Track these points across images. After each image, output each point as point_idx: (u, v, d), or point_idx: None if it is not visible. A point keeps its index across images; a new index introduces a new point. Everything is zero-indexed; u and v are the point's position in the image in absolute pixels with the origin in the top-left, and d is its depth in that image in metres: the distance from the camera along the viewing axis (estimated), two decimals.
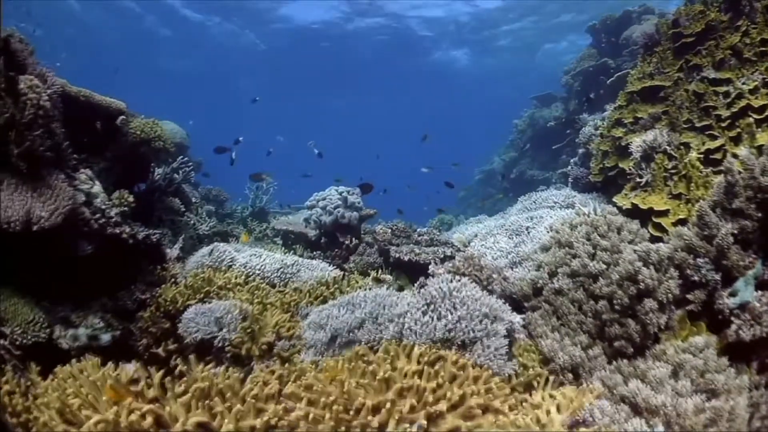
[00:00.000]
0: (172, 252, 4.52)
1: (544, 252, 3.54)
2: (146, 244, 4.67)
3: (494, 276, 3.05)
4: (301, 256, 4.79)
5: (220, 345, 2.94)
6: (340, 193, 4.78)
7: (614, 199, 4.32)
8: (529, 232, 3.89)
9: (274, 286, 3.56)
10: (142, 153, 4.84)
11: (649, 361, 3.18)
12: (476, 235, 4.28)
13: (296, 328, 2.81)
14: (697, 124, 4.76)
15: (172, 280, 4.25)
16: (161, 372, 2.19)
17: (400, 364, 2.13)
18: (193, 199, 7.30)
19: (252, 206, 8.68)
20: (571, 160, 7.98)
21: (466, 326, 2.33)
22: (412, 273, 4.36)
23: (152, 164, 5.83)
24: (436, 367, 2.15)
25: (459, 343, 2.32)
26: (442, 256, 4.27)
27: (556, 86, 12.08)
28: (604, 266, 3.30)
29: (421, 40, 23.89)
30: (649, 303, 3.14)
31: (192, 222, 5.88)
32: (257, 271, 3.68)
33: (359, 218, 4.75)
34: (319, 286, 3.33)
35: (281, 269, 3.61)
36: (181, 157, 6.32)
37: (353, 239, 4.49)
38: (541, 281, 3.26)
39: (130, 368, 2.99)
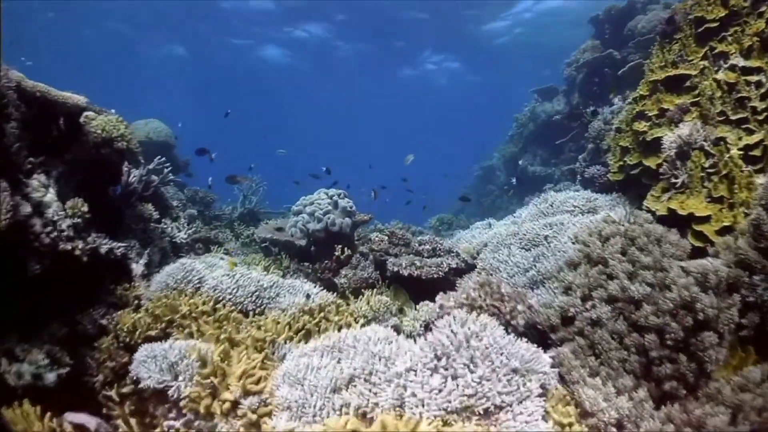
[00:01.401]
0: (137, 268, 3.83)
1: (571, 270, 2.86)
2: (109, 259, 4.02)
3: (519, 308, 2.39)
4: (287, 267, 4.12)
5: (175, 397, 2.27)
6: (330, 197, 4.10)
7: (646, 204, 3.64)
8: (549, 243, 3.22)
9: (247, 313, 2.88)
10: (105, 155, 4.15)
11: (706, 406, 2.54)
12: (486, 245, 3.61)
13: (269, 379, 2.13)
14: (732, 117, 4.11)
15: (135, 302, 3.59)
16: None
17: None
18: (175, 203, 6.61)
19: (242, 207, 7.99)
20: (579, 157, 7.33)
21: (491, 390, 1.66)
22: (413, 289, 3.70)
23: (126, 166, 5.15)
24: None
25: (481, 412, 1.65)
26: (446, 269, 3.60)
27: (557, 79, 11.42)
28: (648, 289, 2.63)
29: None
30: (709, 337, 2.48)
31: (169, 229, 5.18)
32: (228, 296, 3.00)
33: (352, 224, 4.08)
34: (302, 314, 2.65)
35: (257, 293, 2.94)
36: (159, 157, 5.63)
37: (345, 249, 3.83)
38: (572, 309, 2.58)
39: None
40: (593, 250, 2.82)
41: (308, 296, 2.77)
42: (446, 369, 1.70)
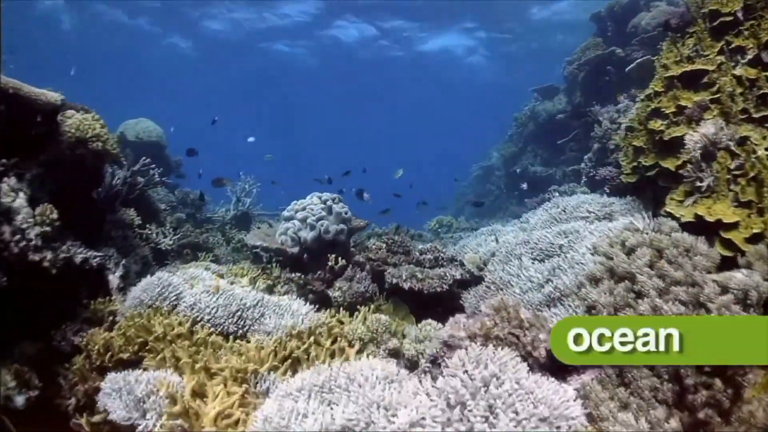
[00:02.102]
0: (113, 280, 3.49)
1: (593, 285, 2.53)
2: (85, 270, 3.68)
3: (541, 337, 2.05)
4: (277, 278, 3.77)
5: None
6: (324, 201, 3.75)
7: (668, 209, 3.31)
8: (565, 254, 2.89)
9: (228, 336, 2.54)
10: (80, 156, 3.80)
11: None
12: (493, 254, 3.28)
13: (248, 421, 1.79)
14: (755, 115, 3.79)
15: (111, 318, 3.25)
16: None
17: None
18: (163, 206, 6.26)
19: (235, 209, 7.63)
20: (585, 157, 7.00)
21: None
22: (413, 301, 3.36)
23: (110, 167, 4.81)
24: None
25: None
26: (450, 281, 3.26)
27: (557, 78, 11.10)
28: (682, 308, 2.30)
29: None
30: None
31: (154, 235, 4.84)
32: (207, 316, 2.65)
33: (347, 231, 3.73)
34: (289, 339, 2.31)
35: (239, 313, 2.60)
36: (144, 158, 5.28)
37: (339, 259, 3.48)
38: None
39: None
40: (617, 264, 2.49)
41: (294, 326, 2.43)
42: (461, 421, 1.36)
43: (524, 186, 6.57)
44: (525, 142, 11.31)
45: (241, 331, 2.55)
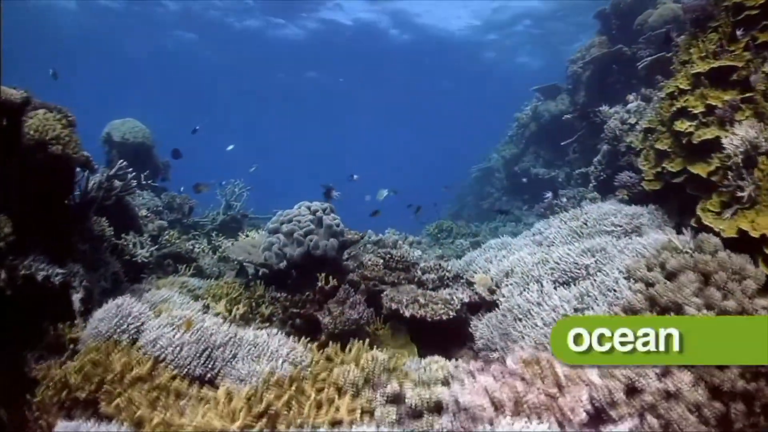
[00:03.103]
0: (76, 302, 3.05)
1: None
2: (48, 289, 3.26)
3: (583, 398, 1.61)
4: (261, 297, 3.35)
5: None
6: (313, 212, 3.30)
7: (706, 222, 2.88)
8: (592, 277, 2.47)
9: (194, 380, 2.11)
10: (40, 160, 3.36)
11: None
12: (507, 275, 2.85)
13: None
14: None
15: (72, 346, 2.82)
16: None
17: None
18: (144, 212, 5.81)
19: (224, 214, 7.19)
20: (594, 160, 6.57)
21: None
22: (416, 328, 2.94)
23: (82, 172, 4.36)
24: None
25: None
26: (458, 305, 2.84)
27: (560, 77, 10.68)
28: None
29: None
30: None
31: (130, 246, 4.40)
32: (170, 356, 2.22)
33: (339, 246, 3.29)
34: (266, 389, 1.89)
35: (207, 352, 2.16)
36: (120, 161, 4.83)
37: (329, 278, 3.05)
38: (641, 380, 1.83)
39: None
40: (660, 293, 2.08)
41: (272, 372, 1.99)
42: None
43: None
44: (526, 143, 10.90)
45: (210, 374, 2.12)
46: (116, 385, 2.12)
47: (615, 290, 2.27)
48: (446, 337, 2.83)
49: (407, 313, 2.72)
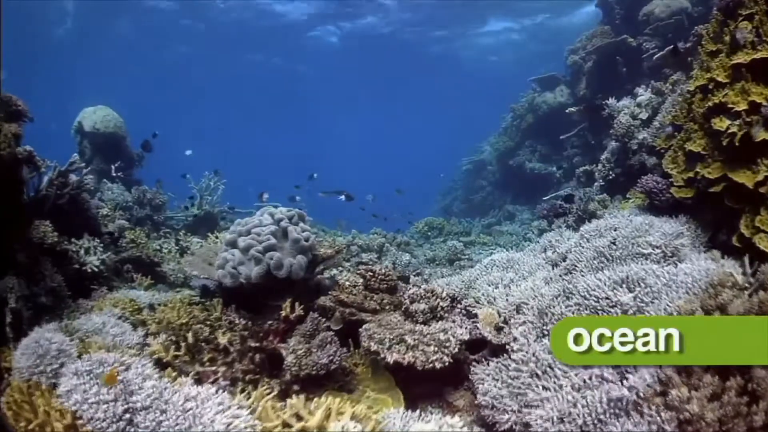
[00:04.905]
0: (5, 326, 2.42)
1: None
2: None
3: None
4: (218, 320, 2.72)
5: None
6: (278, 221, 2.63)
7: (761, 246, 2.29)
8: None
9: None
10: None
11: None
12: (517, 308, 2.24)
13: None
14: None
15: (7, 376, 2.22)
16: None
17: None
18: (105, 211, 5.13)
19: (198, 209, 6.51)
20: (602, 157, 5.97)
21: None
22: (402, 371, 2.33)
23: (29, 169, 3.71)
24: None
25: None
26: (454, 347, 2.23)
27: (558, 66, 10.07)
28: None
29: None
30: None
31: (82, 251, 3.75)
32: (86, 414, 1.62)
33: (307, 264, 2.60)
34: None
35: (127, 416, 1.57)
36: (73, 155, 4.15)
37: (295, 304, 2.41)
38: None
39: None
40: None
41: None
42: None
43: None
44: (522, 135, 10.28)
45: None
46: None
47: None
48: (439, 375, 2.24)
49: (390, 359, 2.10)
